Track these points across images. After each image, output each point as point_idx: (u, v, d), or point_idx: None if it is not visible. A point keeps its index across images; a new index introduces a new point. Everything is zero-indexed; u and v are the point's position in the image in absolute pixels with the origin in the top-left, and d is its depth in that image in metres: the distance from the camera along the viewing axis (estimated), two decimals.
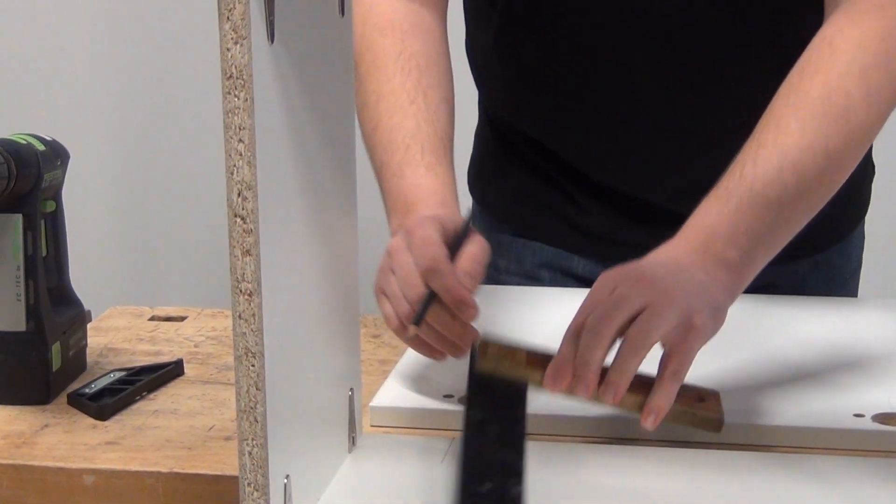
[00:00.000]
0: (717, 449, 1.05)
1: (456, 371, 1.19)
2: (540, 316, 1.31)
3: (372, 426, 1.11)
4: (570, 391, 1.02)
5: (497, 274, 1.53)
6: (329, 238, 0.96)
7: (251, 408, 0.84)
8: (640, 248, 1.15)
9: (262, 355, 0.83)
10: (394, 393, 1.15)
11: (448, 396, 1.13)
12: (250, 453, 0.84)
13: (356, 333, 1.05)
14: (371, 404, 1.12)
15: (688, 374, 1.03)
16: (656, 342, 1.02)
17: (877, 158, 1.51)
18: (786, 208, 1.12)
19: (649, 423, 1.01)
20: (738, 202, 1.12)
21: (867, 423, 1.07)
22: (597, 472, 1.01)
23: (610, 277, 1.07)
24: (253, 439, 0.84)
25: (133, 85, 2.67)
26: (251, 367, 0.83)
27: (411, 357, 1.23)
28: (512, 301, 1.39)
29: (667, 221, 1.43)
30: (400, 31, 1.33)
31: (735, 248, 1.11)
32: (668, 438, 1.07)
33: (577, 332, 1.03)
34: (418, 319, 1.07)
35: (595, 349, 1.01)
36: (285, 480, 0.88)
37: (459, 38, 1.47)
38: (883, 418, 1.08)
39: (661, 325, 1.02)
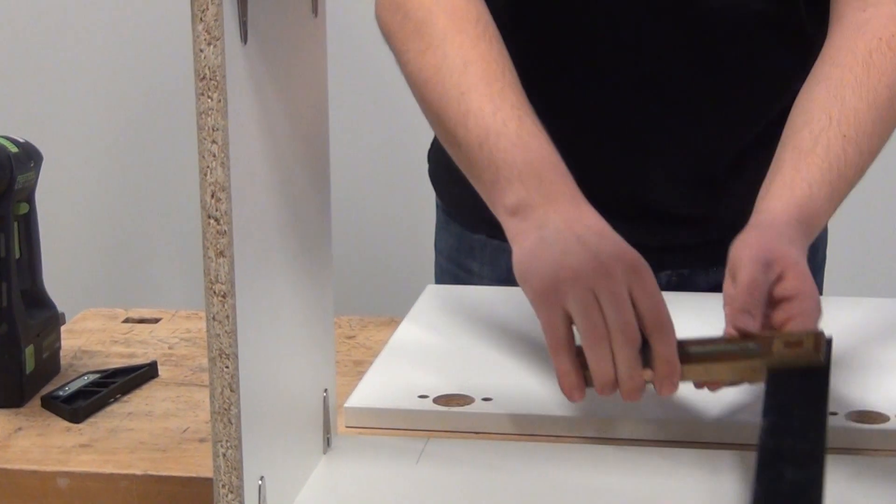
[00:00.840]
0: (692, 448, 1.05)
1: (430, 371, 1.19)
2: (518, 317, 1.32)
3: (347, 427, 1.11)
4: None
5: (470, 277, 1.53)
6: (303, 239, 0.96)
7: (225, 409, 0.83)
8: None
9: (236, 357, 0.82)
10: (368, 394, 1.15)
11: (423, 397, 1.13)
12: (224, 455, 0.84)
13: (330, 334, 1.04)
14: (346, 405, 1.12)
15: None
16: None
17: None
18: (844, 196, 1.19)
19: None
20: (839, 195, 1.17)
21: (841, 422, 1.08)
22: (591, 472, 1.01)
23: (756, 258, 1.09)
24: (227, 441, 0.84)
25: (107, 87, 2.66)
26: (225, 369, 0.83)
27: (386, 358, 1.23)
28: (486, 302, 1.39)
29: (648, 222, 1.44)
30: None
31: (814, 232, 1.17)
32: (661, 438, 1.07)
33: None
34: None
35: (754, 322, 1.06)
36: (260, 482, 0.88)
37: None
38: (857, 416, 1.09)
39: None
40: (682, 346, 1.04)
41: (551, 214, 1.12)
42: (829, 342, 1.03)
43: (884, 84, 1.19)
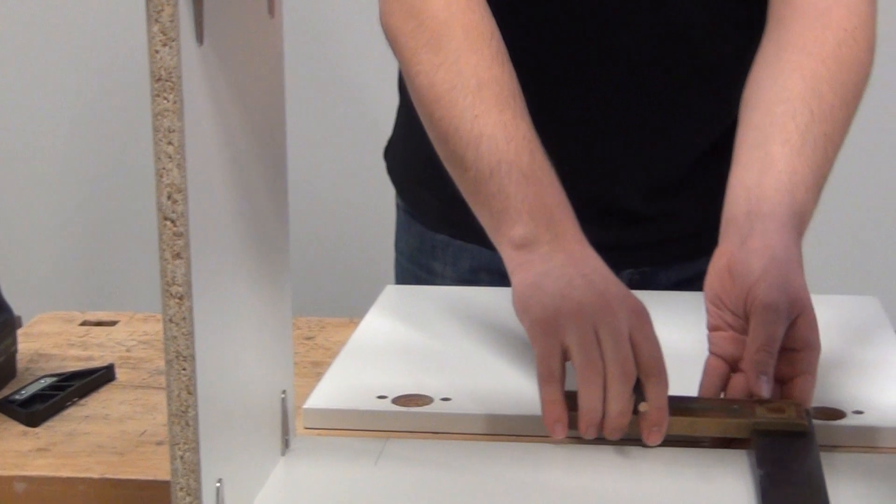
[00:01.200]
0: (648, 446, 1.05)
1: (389, 372, 1.19)
2: (478, 317, 1.32)
3: (305, 428, 1.11)
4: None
5: (432, 278, 1.52)
6: (260, 240, 0.95)
7: (182, 412, 0.83)
8: None
9: (194, 359, 0.82)
10: (327, 395, 1.15)
11: (382, 397, 1.13)
12: (182, 458, 0.84)
13: (288, 335, 1.04)
14: (304, 406, 1.12)
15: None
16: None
17: None
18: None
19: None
20: (816, 183, 1.18)
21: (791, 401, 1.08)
22: (549, 471, 1.01)
23: (778, 307, 1.09)
24: (185, 443, 0.84)
25: (64, 89, 2.65)
26: (182, 371, 0.82)
27: (345, 359, 1.23)
28: (445, 302, 1.39)
29: (610, 220, 1.44)
30: (484, 7, 1.24)
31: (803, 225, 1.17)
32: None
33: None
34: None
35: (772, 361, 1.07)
36: (218, 484, 0.87)
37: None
38: (815, 412, 1.10)
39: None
40: (670, 399, 1.05)
41: (557, 252, 1.14)
42: (808, 413, 1.05)
43: (852, 80, 1.21)
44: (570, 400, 1.05)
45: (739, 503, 0.96)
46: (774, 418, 1.03)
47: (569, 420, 1.05)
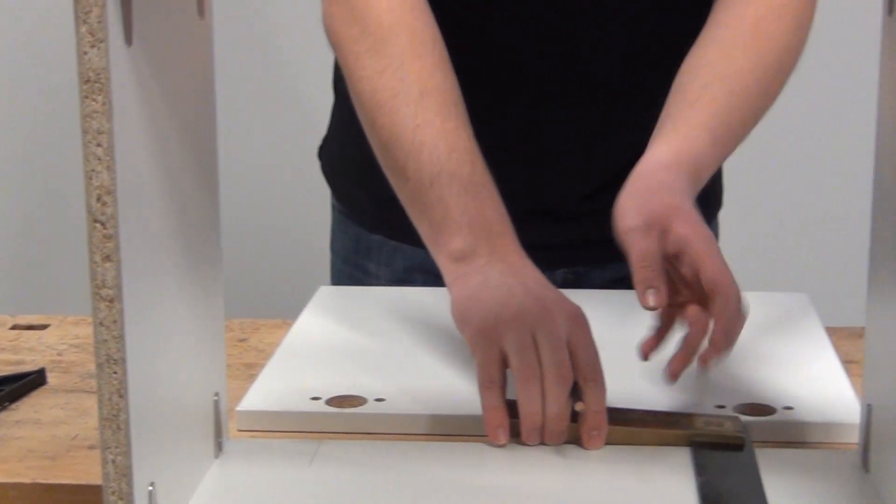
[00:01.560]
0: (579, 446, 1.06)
1: (323, 373, 1.19)
2: (412, 318, 1.32)
3: (239, 431, 1.10)
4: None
5: (367, 278, 1.52)
6: (192, 242, 0.95)
7: (114, 416, 0.83)
8: None
9: (124, 362, 0.82)
10: (260, 397, 1.14)
11: (315, 399, 1.13)
12: (114, 461, 0.83)
13: (220, 338, 1.04)
14: (237, 408, 1.11)
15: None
16: None
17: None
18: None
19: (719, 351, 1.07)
20: (722, 146, 1.22)
21: (728, 413, 1.09)
22: (483, 470, 1.02)
23: (647, 228, 1.11)
24: (116, 447, 0.83)
25: None
26: (113, 375, 0.82)
27: (278, 360, 1.22)
28: (379, 303, 1.39)
29: (544, 220, 1.45)
30: (427, 13, 1.24)
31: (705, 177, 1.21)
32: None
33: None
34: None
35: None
36: (150, 488, 0.87)
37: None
38: (745, 409, 1.10)
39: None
40: (609, 409, 1.06)
41: (496, 263, 1.14)
42: (745, 426, 1.06)
43: (771, 49, 1.22)
44: (513, 408, 1.06)
45: (680, 502, 0.97)
46: (712, 430, 1.05)
47: (511, 427, 1.05)
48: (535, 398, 1.04)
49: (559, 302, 1.10)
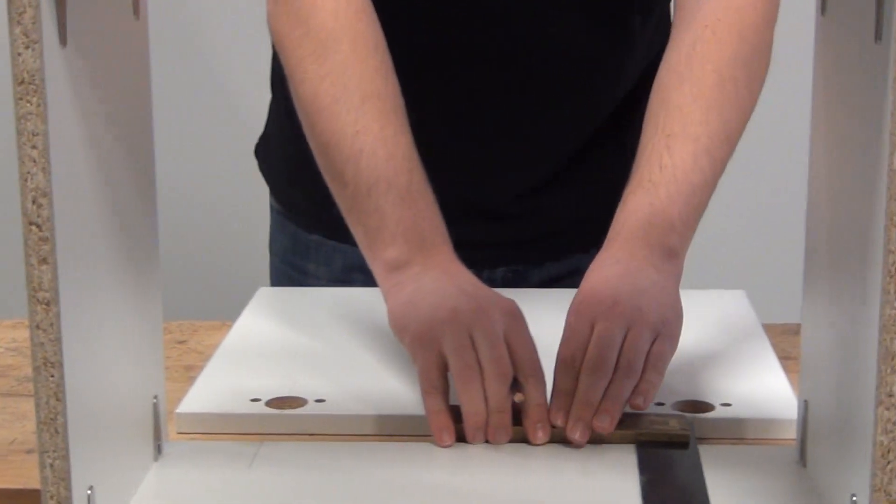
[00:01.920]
0: (524, 444, 1.06)
1: (263, 375, 1.18)
2: (352, 318, 1.31)
3: (179, 433, 1.10)
4: (566, 430, 1.04)
5: (306, 278, 1.52)
6: (129, 243, 0.95)
7: (51, 419, 0.82)
8: (456, 246, 1.17)
9: (62, 365, 0.81)
10: (200, 399, 1.14)
11: (255, 400, 1.13)
12: (52, 465, 0.83)
13: (159, 340, 1.03)
14: (177, 411, 1.11)
15: None
16: (643, 360, 1.06)
17: None
18: (703, 192, 1.19)
19: (640, 403, 1.05)
20: (666, 192, 1.17)
21: (668, 411, 1.10)
22: (425, 470, 1.02)
23: (584, 311, 1.09)
24: (54, 451, 0.83)
25: None
26: (50, 378, 0.81)
27: (217, 362, 1.22)
28: (319, 303, 1.38)
29: (482, 219, 1.45)
30: (372, 16, 1.23)
31: (674, 234, 1.16)
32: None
33: (567, 370, 1.06)
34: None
35: (598, 390, 1.04)
36: (89, 491, 0.86)
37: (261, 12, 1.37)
38: (684, 406, 1.11)
39: (645, 347, 1.07)
40: None
41: (429, 270, 1.15)
42: (691, 424, 1.07)
43: (708, 70, 1.22)
44: (458, 413, 1.06)
45: (624, 499, 0.97)
46: (658, 429, 1.05)
47: (457, 431, 1.06)
48: (476, 397, 1.05)
49: (494, 299, 1.11)
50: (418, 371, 1.08)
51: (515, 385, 1.06)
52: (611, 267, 1.14)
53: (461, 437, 1.06)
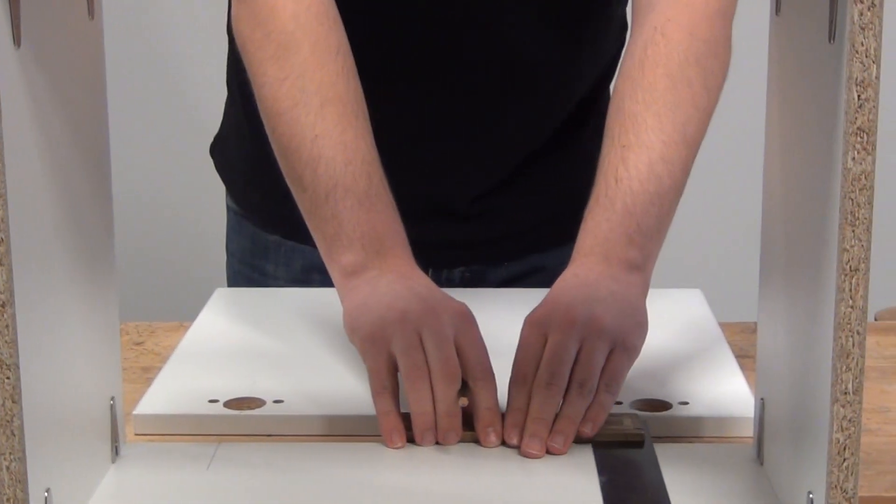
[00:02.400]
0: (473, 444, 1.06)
1: (221, 375, 1.18)
2: (310, 318, 1.31)
3: (136, 435, 1.09)
4: (521, 446, 1.04)
5: (264, 279, 1.51)
6: (84, 244, 0.94)
7: (8, 421, 0.81)
8: (415, 246, 1.17)
9: (17, 367, 0.81)
10: (157, 400, 1.13)
11: (213, 401, 1.12)
12: (8, 468, 0.82)
13: (116, 341, 1.03)
14: (134, 412, 1.10)
15: None
16: (598, 376, 1.06)
17: None
18: (664, 199, 1.18)
19: (587, 430, 1.04)
20: (622, 205, 1.16)
21: (626, 410, 1.10)
22: (382, 470, 1.02)
23: (537, 324, 1.09)
24: (10, 453, 0.82)
25: None
26: (6, 380, 0.81)
27: (175, 363, 1.21)
28: (276, 304, 1.38)
29: (440, 219, 1.45)
30: (334, 19, 1.23)
31: (633, 247, 1.16)
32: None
33: (520, 385, 1.06)
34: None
35: (552, 407, 1.04)
36: (46, 494, 0.86)
37: (220, 11, 1.37)
38: (641, 405, 1.12)
39: (600, 360, 1.06)
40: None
41: (385, 274, 1.15)
42: (645, 423, 1.07)
43: (660, 74, 1.21)
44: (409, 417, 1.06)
45: (584, 499, 0.97)
46: (612, 430, 1.05)
47: (409, 432, 1.06)
48: (423, 398, 1.05)
49: (445, 302, 1.11)
50: (368, 372, 1.08)
51: (466, 388, 1.06)
52: (569, 281, 1.15)
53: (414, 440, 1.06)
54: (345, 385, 1.16)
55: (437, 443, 1.05)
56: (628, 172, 1.17)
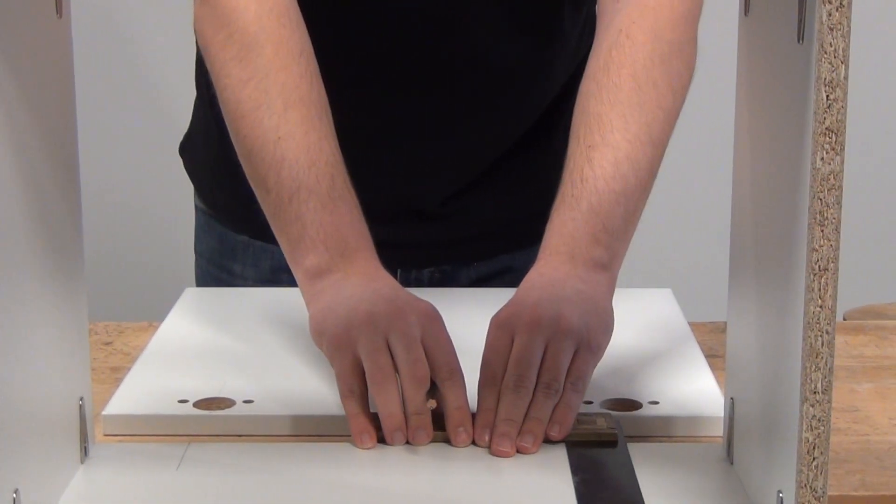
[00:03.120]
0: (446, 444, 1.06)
1: (190, 376, 1.18)
2: (279, 319, 1.31)
3: (105, 435, 1.09)
4: (491, 447, 1.04)
5: (232, 279, 1.51)
6: (53, 244, 0.94)
7: None
8: (384, 246, 1.17)
9: None
10: (127, 400, 1.13)
11: (183, 401, 1.12)
12: None
13: (84, 341, 1.02)
14: (103, 413, 1.10)
15: None
16: (564, 375, 1.06)
17: None
18: (630, 198, 1.18)
19: (555, 434, 1.04)
20: (588, 204, 1.16)
21: (596, 410, 1.10)
22: (353, 470, 1.01)
23: (503, 325, 1.09)
24: None
25: None
26: None
27: (144, 363, 1.21)
28: (246, 304, 1.38)
29: (410, 220, 1.45)
30: (296, 22, 1.22)
31: (599, 246, 1.16)
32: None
33: (489, 386, 1.06)
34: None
35: (520, 408, 1.04)
36: (14, 495, 0.85)
37: (190, 9, 1.34)
38: (612, 404, 1.12)
39: (566, 361, 1.06)
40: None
41: (350, 277, 1.14)
42: (618, 422, 1.08)
43: (625, 76, 1.21)
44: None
45: (558, 499, 0.97)
46: (585, 429, 1.06)
47: (378, 432, 1.06)
48: (390, 399, 1.05)
49: (411, 303, 1.11)
50: (336, 376, 1.08)
51: (434, 388, 1.06)
52: (534, 280, 1.15)
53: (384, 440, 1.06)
54: (314, 385, 1.16)
55: (407, 442, 1.05)
56: (594, 172, 1.17)
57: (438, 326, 1.08)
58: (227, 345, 1.26)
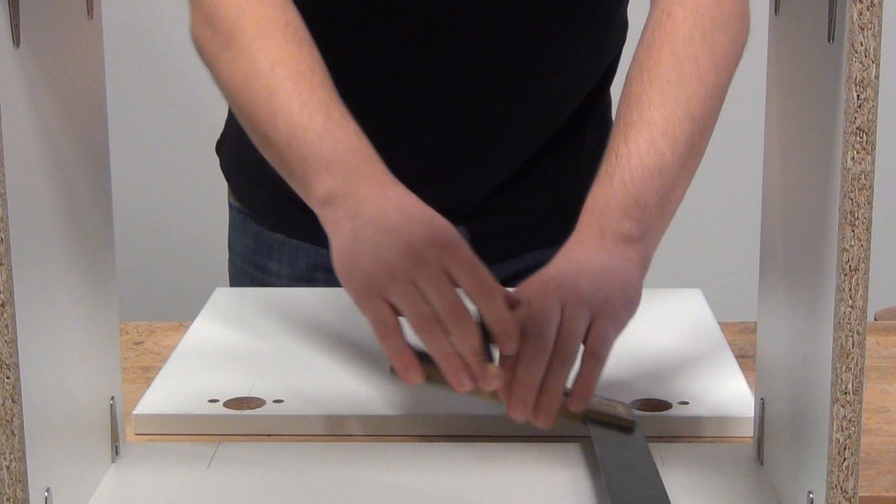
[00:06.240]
0: (465, 441, 1.06)
1: (220, 375, 1.18)
2: (316, 317, 1.31)
3: (136, 434, 1.10)
4: (509, 409, 1.03)
5: (268, 277, 1.51)
6: (84, 244, 0.94)
7: (8, 421, 0.81)
8: None
9: (17, 367, 0.81)
10: (157, 400, 1.13)
11: (213, 401, 1.12)
12: (8, 468, 0.82)
13: (115, 341, 1.03)
14: (134, 412, 1.10)
15: None
16: (580, 342, 1.05)
17: None
18: (666, 174, 1.16)
19: (574, 406, 1.04)
20: (620, 180, 1.15)
21: (620, 401, 1.10)
22: (382, 469, 1.02)
23: (524, 291, 1.09)
24: (10, 453, 0.82)
25: None
26: (6, 380, 0.81)
27: (175, 363, 1.21)
28: (276, 303, 1.38)
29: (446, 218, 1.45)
30: (281, 2, 1.22)
31: (629, 220, 1.14)
32: (440, 433, 1.08)
33: (504, 359, 1.05)
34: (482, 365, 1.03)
35: (537, 374, 1.03)
36: (46, 493, 0.86)
37: None
38: (642, 404, 1.12)
39: (581, 326, 1.05)
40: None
41: (362, 202, 1.11)
42: (632, 411, 1.08)
43: (665, 53, 1.20)
44: (423, 354, 1.04)
45: (576, 494, 0.97)
46: (606, 410, 1.06)
47: (426, 372, 1.04)
48: (442, 343, 1.03)
49: (428, 237, 1.08)
50: (369, 321, 1.06)
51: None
52: (561, 257, 1.14)
53: (429, 376, 1.04)
54: (344, 385, 1.16)
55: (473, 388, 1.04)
56: (628, 149, 1.17)
57: (459, 252, 1.07)
58: (256, 344, 1.27)
